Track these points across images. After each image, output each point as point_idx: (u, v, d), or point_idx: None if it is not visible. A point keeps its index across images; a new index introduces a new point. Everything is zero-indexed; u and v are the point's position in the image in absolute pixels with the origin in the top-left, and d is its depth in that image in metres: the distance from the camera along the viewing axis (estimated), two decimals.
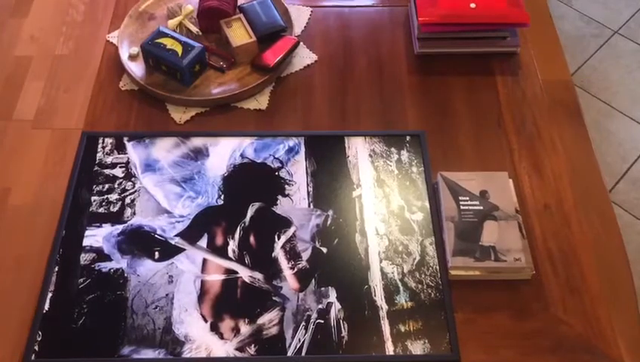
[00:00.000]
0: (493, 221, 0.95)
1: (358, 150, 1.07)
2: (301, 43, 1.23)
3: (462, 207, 0.97)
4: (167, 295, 0.91)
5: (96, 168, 1.04)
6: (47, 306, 0.89)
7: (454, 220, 0.96)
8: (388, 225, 0.98)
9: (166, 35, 1.15)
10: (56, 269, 0.93)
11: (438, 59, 1.22)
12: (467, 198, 0.98)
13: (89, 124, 1.12)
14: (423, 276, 0.93)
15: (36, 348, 0.86)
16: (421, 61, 1.22)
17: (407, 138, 1.08)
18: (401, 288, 0.91)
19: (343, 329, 0.88)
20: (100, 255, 0.94)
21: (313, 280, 0.92)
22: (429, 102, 1.16)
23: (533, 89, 1.18)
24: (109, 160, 1.05)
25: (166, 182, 1.03)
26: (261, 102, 1.15)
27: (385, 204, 1.00)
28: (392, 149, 1.07)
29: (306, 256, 0.95)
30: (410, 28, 1.26)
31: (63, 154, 1.51)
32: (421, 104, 1.16)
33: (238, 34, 1.18)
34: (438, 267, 0.93)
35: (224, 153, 1.07)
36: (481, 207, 0.97)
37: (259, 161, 1.06)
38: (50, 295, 0.90)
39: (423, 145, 1.07)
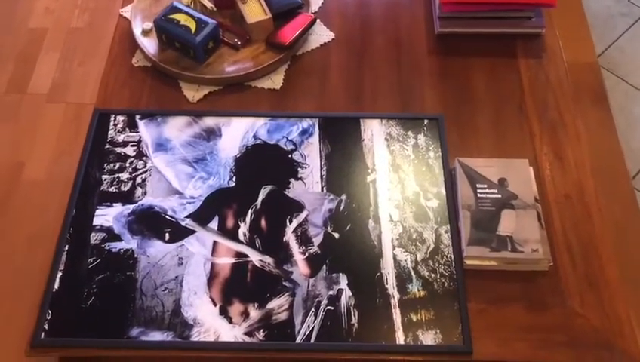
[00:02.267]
0: (511, 210, 0.93)
1: (374, 133, 1.04)
2: (318, 20, 1.19)
3: (479, 195, 0.94)
4: (176, 277, 0.90)
5: (107, 146, 1.03)
6: (56, 285, 0.89)
7: (471, 208, 0.93)
8: (402, 212, 0.95)
9: (180, 11, 1.12)
10: (67, 248, 0.92)
11: (459, 39, 1.18)
12: (485, 186, 0.95)
13: (101, 100, 1.11)
14: (436, 265, 0.91)
15: (46, 326, 0.85)
16: (441, 41, 1.18)
17: (425, 122, 1.05)
18: (414, 276, 0.89)
19: (353, 316, 0.86)
20: (110, 235, 0.94)
21: (324, 266, 0.91)
22: (449, 85, 1.12)
23: (558, 72, 1.14)
24: (120, 138, 1.04)
25: (177, 162, 1.01)
26: (275, 81, 1.13)
27: (400, 190, 0.98)
28: (409, 133, 1.04)
29: (317, 241, 0.93)
30: (431, 6, 1.22)
31: (77, 129, 1.51)
32: (440, 86, 1.12)
33: (253, 10, 1.15)
34: (452, 256, 0.91)
35: (237, 133, 1.05)
36: (500, 196, 0.94)
37: (272, 143, 1.04)
38: (60, 274, 0.90)
39: (442, 129, 1.04)
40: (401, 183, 0.99)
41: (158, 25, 1.11)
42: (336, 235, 0.93)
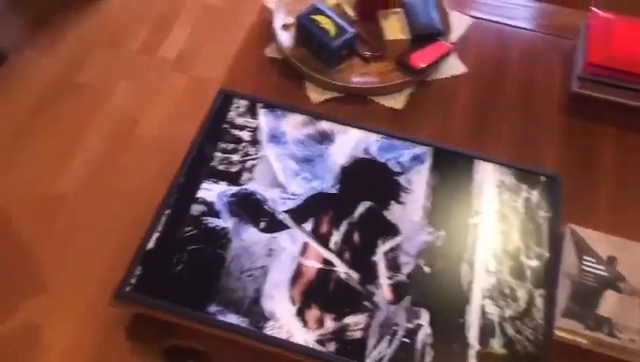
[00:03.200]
0: (616, 292, 0.87)
1: (487, 177, 1.01)
2: (454, 51, 1.18)
3: (584, 268, 0.90)
4: (263, 267, 0.91)
5: (225, 126, 1.06)
6: (151, 244, 0.92)
7: (573, 279, 0.89)
8: (499, 264, 0.92)
9: (321, 13, 1.14)
10: (168, 212, 0.96)
11: (594, 103, 1.13)
12: (593, 260, 0.90)
13: (228, 81, 1.14)
14: (524, 327, 0.87)
15: (133, 281, 0.89)
16: (575, 101, 1.14)
17: (542, 178, 1.01)
18: (498, 332, 0.86)
19: (427, 355, 0.84)
20: (211, 210, 0.96)
21: (408, 297, 0.89)
22: (573, 147, 1.08)
23: None
24: (239, 121, 1.07)
25: (287, 157, 1.03)
26: (398, 101, 1.12)
27: (501, 241, 0.95)
28: (523, 186, 1.01)
29: (406, 269, 0.91)
30: (572, 63, 1.18)
31: (195, 102, 1.57)
32: (564, 146, 1.08)
33: (393, 28, 1.15)
34: (543, 322, 0.87)
35: (349, 143, 1.05)
36: (606, 274, 0.89)
37: (381, 161, 1.03)
38: (157, 235, 0.93)
39: (558, 189, 1.00)
40: (504, 234, 0.95)
41: (300, 22, 1.13)
42: (427, 269, 0.92)
